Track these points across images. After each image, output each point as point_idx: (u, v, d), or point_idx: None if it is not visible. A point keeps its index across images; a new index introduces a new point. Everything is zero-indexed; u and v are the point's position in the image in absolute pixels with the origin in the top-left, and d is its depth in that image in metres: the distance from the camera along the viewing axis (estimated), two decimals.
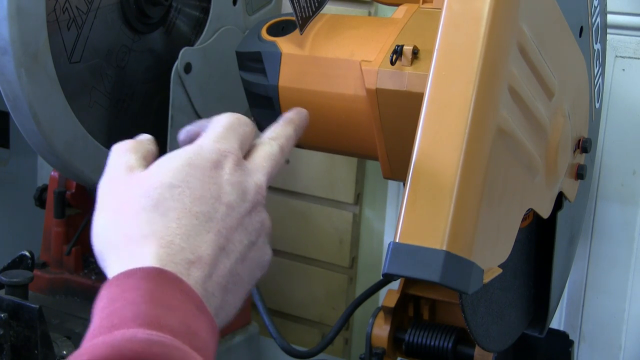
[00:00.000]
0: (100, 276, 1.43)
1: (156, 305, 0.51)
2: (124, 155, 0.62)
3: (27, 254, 1.25)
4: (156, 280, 0.53)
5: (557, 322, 1.33)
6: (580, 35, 0.98)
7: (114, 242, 0.57)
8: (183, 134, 0.67)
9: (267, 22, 1.09)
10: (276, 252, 1.54)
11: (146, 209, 0.57)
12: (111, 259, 0.57)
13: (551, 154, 0.89)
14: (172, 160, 0.60)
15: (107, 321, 0.51)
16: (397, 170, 1.00)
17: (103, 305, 0.52)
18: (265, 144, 0.65)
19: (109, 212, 0.59)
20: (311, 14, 1.03)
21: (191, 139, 0.64)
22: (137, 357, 0.47)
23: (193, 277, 0.55)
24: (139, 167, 0.61)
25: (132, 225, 0.56)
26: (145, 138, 0.65)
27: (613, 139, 1.26)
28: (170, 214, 0.56)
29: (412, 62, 0.93)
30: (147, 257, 0.54)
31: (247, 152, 0.63)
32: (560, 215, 1.01)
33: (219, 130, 0.62)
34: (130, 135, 0.66)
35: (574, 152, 0.99)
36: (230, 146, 0.61)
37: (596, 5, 1.03)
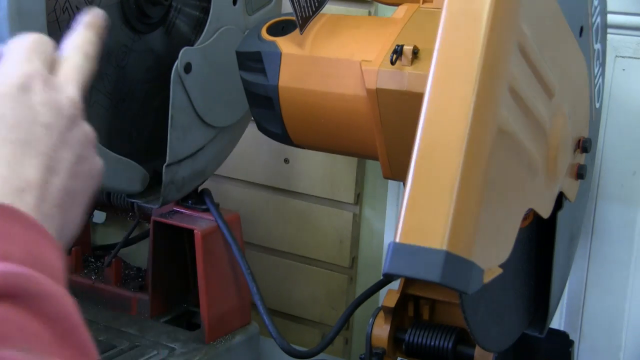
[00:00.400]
0: (101, 276, 1.43)
1: None
2: None
3: None
4: None
5: (557, 322, 1.33)
6: (580, 35, 0.98)
7: None
8: None
9: (267, 22, 1.09)
10: (276, 252, 1.56)
11: None
12: None
13: (551, 154, 0.89)
14: None
15: None
16: (397, 170, 1.00)
17: None
18: (70, 56, 0.63)
19: None
20: (311, 14, 1.03)
21: None
22: None
23: (27, 204, 0.54)
24: None
25: None
26: None
27: (613, 139, 1.26)
28: None
29: (412, 62, 0.93)
30: None
31: (52, 68, 0.61)
32: (560, 215, 1.01)
33: (19, 53, 0.60)
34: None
35: (574, 152, 0.99)
36: (34, 66, 0.59)
37: (596, 5, 1.03)
